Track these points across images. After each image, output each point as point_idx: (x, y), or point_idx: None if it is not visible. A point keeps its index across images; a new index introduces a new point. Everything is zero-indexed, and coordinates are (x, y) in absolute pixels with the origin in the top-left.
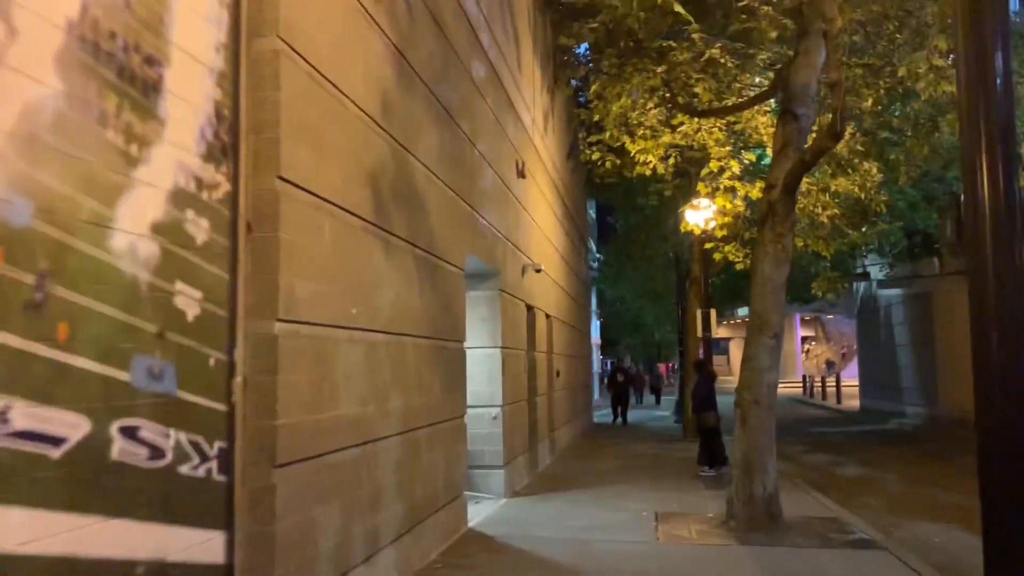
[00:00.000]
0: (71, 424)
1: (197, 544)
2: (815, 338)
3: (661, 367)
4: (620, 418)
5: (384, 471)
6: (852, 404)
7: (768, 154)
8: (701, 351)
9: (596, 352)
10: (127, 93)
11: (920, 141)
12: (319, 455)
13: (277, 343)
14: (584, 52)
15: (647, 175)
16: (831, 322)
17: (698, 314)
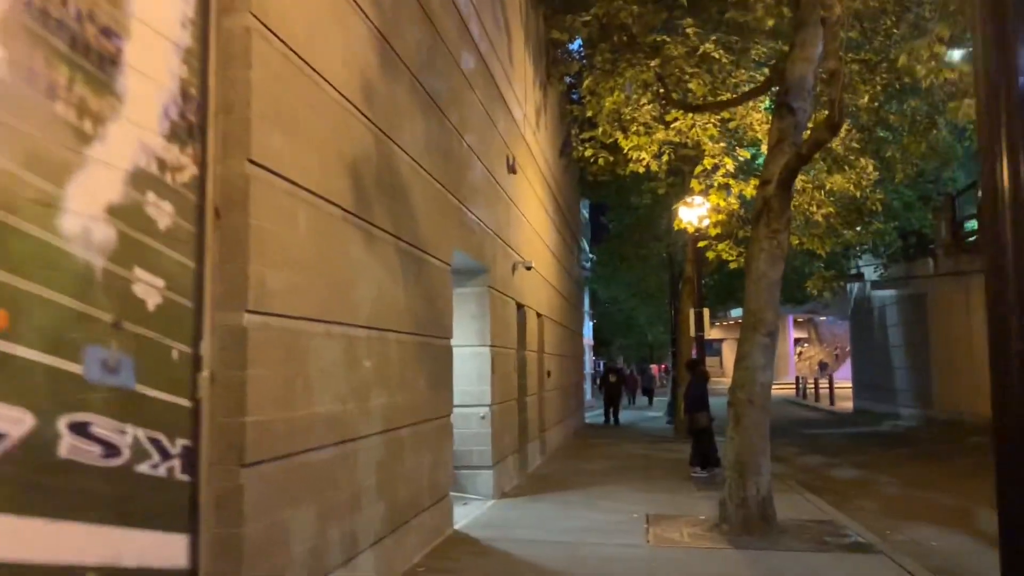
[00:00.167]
0: (12, 419)
1: (157, 548)
2: (808, 339)
3: (654, 368)
4: (612, 419)
5: (364, 471)
6: (845, 406)
7: (763, 152)
8: (694, 351)
9: (588, 352)
10: (80, 65)
11: (917, 138)
12: (292, 454)
13: (246, 336)
14: (578, 48)
15: (640, 173)
16: (824, 323)
17: (691, 314)
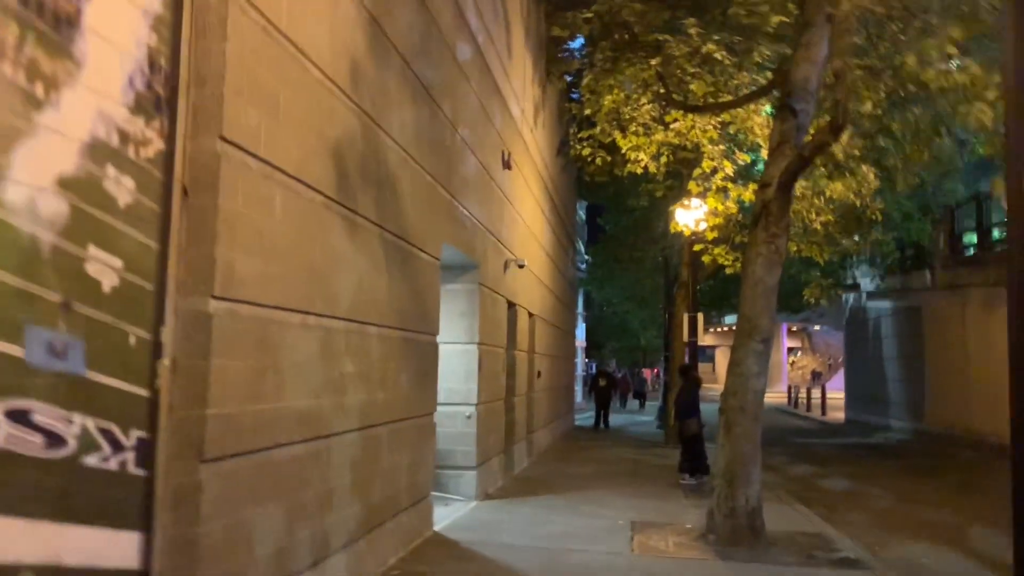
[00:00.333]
0: None
1: (105, 546)
2: (801, 348)
3: (646, 372)
4: (603, 423)
5: (338, 469)
6: (837, 416)
7: (763, 157)
8: (687, 356)
9: (581, 354)
10: (31, 24)
11: (920, 147)
12: (259, 450)
13: (211, 323)
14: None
15: (638, 174)
16: (817, 333)
17: (685, 319)
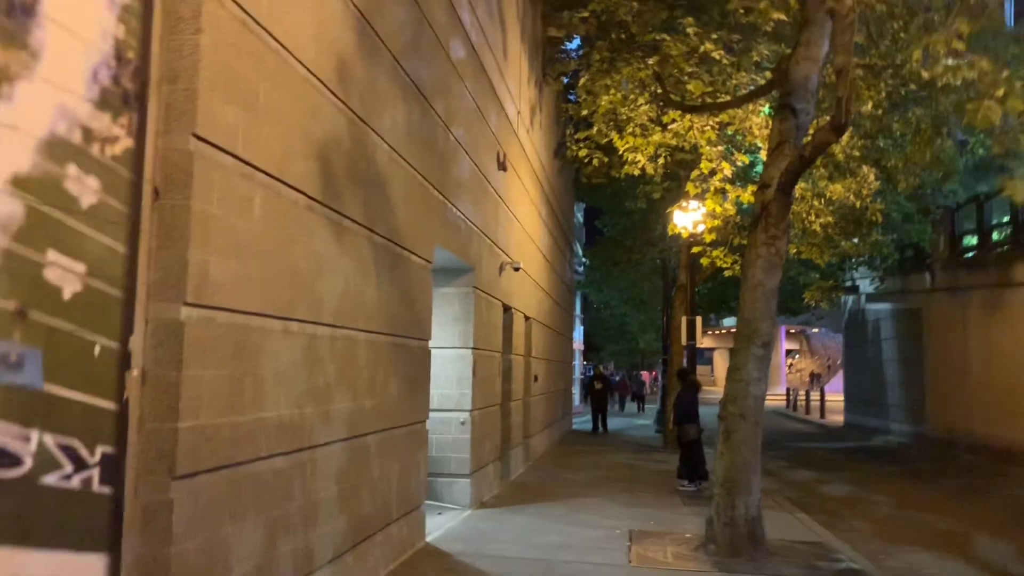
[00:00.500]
0: None
1: (67, 571)
2: (799, 351)
3: (644, 375)
4: (601, 427)
5: (323, 481)
6: (836, 419)
7: (762, 158)
8: (685, 360)
9: (579, 357)
10: None
11: (921, 147)
12: (236, 464)
13: (183, 330)
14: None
15: (635, 176)
16: (816, 336)
17: (683, 321)
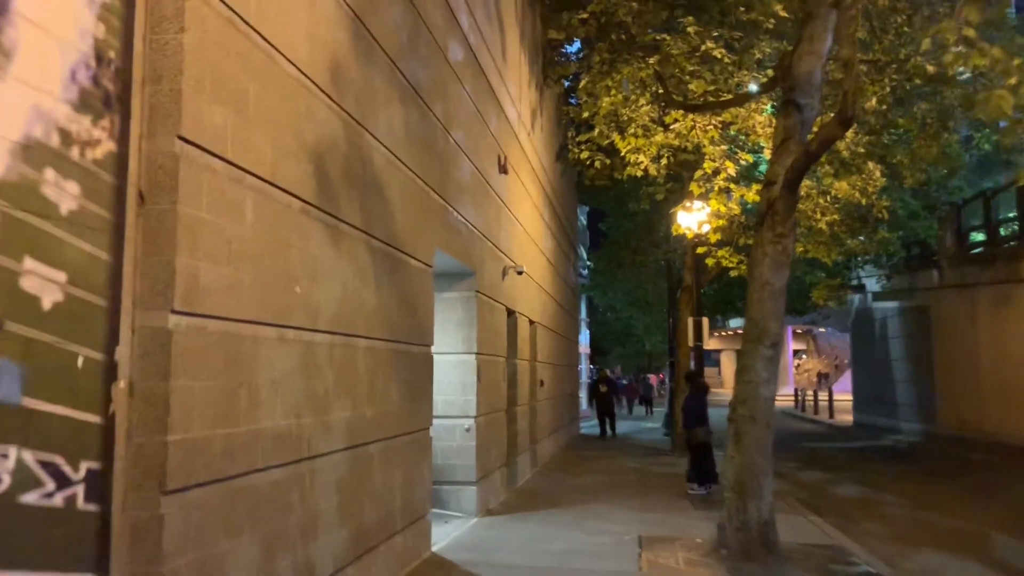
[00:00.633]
0: None
1: None
2: (806, 351)
3: (651, 378)
4: (609, 430)
5: (323, 493)
6: (845, 419)
7: (765, 157)
8: (692, 362)
9: (585, 361)
10: None
11: (928, 142)
12: (231, 477)
13: (172, 339)
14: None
15: (638, 177)
16: (822, 336)
17: (690, 322)
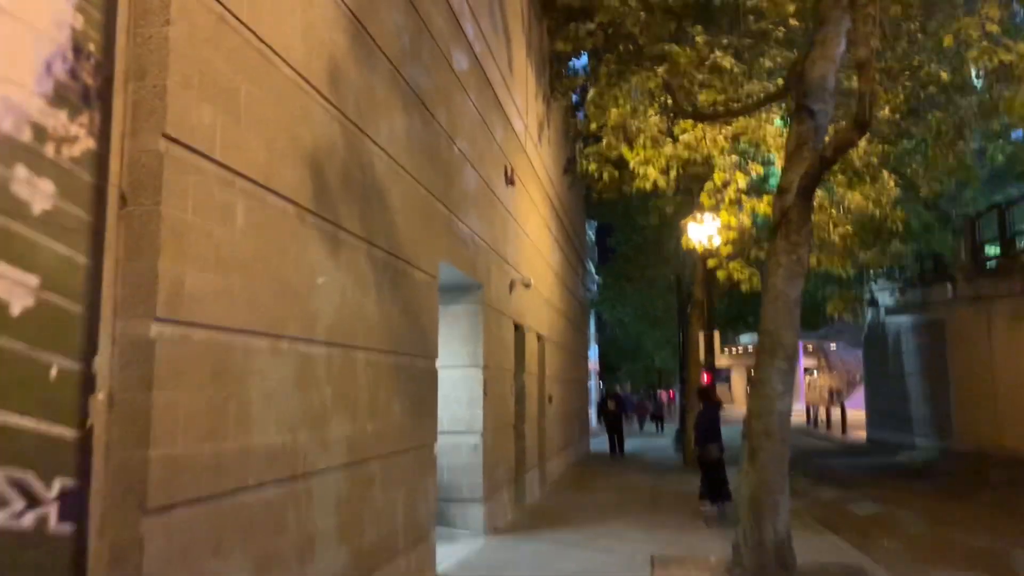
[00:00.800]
0: None
1: None
2: (817, 367)
3: (662, 394)
4: (618, 449)
5: (320, 511)
6: (858, 435)
7: (777, 169)
8: (704, 377)
9: (594, 377)
10: None
11: (943, 151)
12: (220, 495)
13: (154, 348)
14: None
15: (647, 190)
16: (833, 352)
17: (700, 336)
